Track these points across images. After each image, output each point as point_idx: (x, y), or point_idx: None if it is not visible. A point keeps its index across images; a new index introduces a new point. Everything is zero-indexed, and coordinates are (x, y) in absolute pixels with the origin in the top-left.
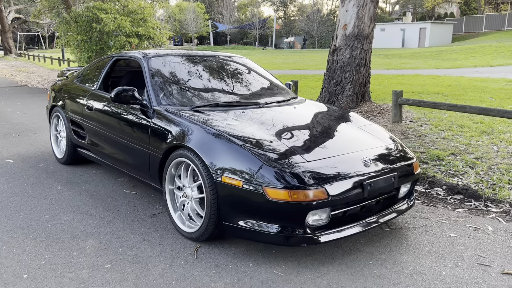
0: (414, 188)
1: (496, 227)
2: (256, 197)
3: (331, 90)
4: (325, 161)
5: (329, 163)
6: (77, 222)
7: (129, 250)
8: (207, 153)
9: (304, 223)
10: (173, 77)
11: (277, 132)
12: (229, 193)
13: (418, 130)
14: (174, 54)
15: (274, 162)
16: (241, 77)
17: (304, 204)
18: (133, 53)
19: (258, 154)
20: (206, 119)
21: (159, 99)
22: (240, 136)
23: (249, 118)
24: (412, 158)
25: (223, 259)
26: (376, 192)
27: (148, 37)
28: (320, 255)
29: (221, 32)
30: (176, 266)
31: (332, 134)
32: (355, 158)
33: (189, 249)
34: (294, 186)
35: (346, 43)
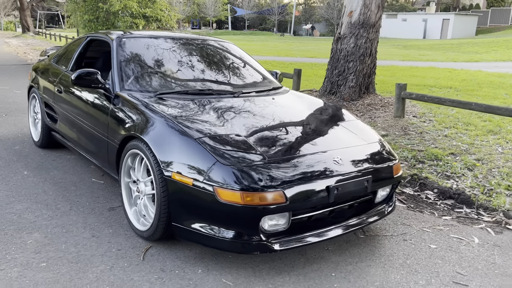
0: (394, 192)
1: (483, 239)
2: (207, 197)
3: (333, 81)
4: (289, 161)
5: (294, 163)
6: (29, 212)
7: (73, 247)
8: (159, 145)
9: (258, 228)
10: (143, 60)
11: (243, 126)
12: (179, 192)
13: (420, 126)
14: (150, 36)
15: (230, 159)
16: (221, 64)
17: (257, 208)
18: (104, 33)
19: (214, 149)
20: (166, 108)
21: (122, 83)
22: (198, 129)
23: (216, 108)
24: (393, 160)
25: (172, 262)
26: (345, 196)
27: (156, 19)
28: (279, 262)
29: (240, 17)
30: (117, 269)
31: (306, 131)
32: (325, 158)
33: (138, 249)
34: (247, 187)
35: (351, 31)
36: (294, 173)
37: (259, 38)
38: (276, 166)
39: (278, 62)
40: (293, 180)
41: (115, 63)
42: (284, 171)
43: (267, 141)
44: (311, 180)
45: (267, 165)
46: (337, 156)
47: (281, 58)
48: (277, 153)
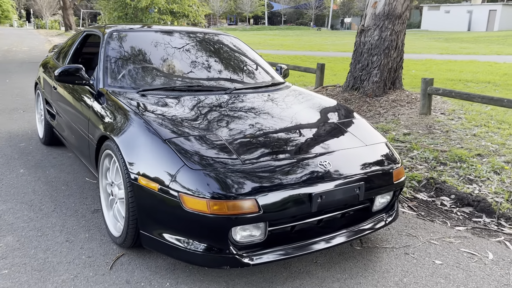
0: (397, 199)
1: (499, 255)
2: (172, 205)
3: (356, 75)
4: (267, 165)
5: (273, 167)
6: (10, 213)
7: (42, 252)
8: (128, 146)
9: (228, 240)
10: (132, 56)
11: (226, 125)
12: (145, 197)
13: (447, 124)
14: (144, 30)
15: (200, 163)
16: (218, 59)
17: (225, 218)
18: (98, 27)
19: (183, 152)
20: (143, 106)
21: (106, 80)
22: (171, 129)
23: (200, 106)
24: (394, 164)
25: (140, 273)
26: (332, 205)
27: (183, 15)
28: (258, 277)
29: (277, 12)
30: (81, 279)
31: (296, 131)
32: (311, 162)
33: (109, 257)
34: (215, 195)
35: (375, 23)
36: (271, 180)
37: (294, 33)
38: (252, 171)
39: (308, 57)
40: (269, 187)
41: (102, 59)
42: (260, 177)
43: (248, 143)
44: (290, 187)
45: (241, 170)
46: (325, 160)
47: (313, 52)
48: (257, 156)
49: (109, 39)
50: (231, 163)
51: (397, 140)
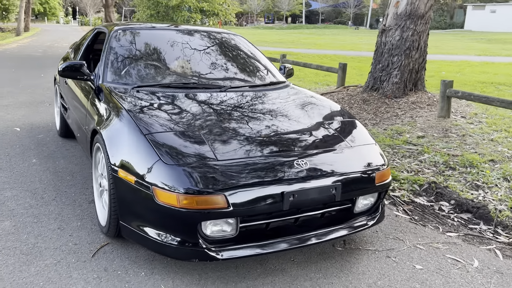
0: (382, 202)
1: (485, 263)
2: (146, 198)
3: (376, 76)
4: (242, 162)
5: (249, 164)
6: (14, 200)
7: (33, 238)
8: (112, 140)
9: (197, 234)
10: (132, 53)
11: (210, 122)
12: (124, 190)
13: (464, 128)
14: (148, 28)
15: (175, 158)
16: (219, 57)
17: (194, 213)
18: (107, 25)
19: (161, 146)
20: (133, 101)
21: (106, 75)
22: (154, 124)
23: (190, 103)
24: (378, 166)
25: (120, 262)
26: (306, 204)
27: (213, 13)
28: (232, 271)
29: (315, 11)
30: (63, 264)
31: (280, 130)
32: (287, 161)
33: (94, 245)
34: (184, 189)
35: (396, 22)
36: (243, 177)
37: (331, 32)
38: (225, 168)
39: (338, 56)
40: (240, 184)
41: (104, 55)
42: (232, 173)
43: (228, 140)
44: (262, 185)
45: (215, 166)
46: (303, 159)
47: (345, 52)
48: (234, 153)
49: (113, 37)
50: (206, 159)
51: (409, 143)
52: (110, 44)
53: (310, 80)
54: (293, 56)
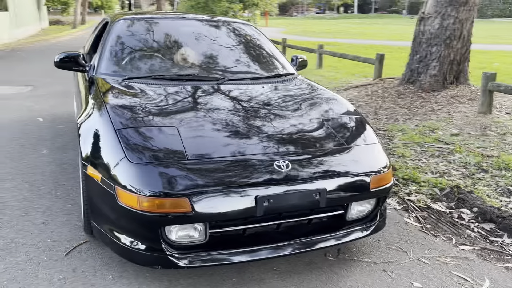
0: (381, 209)
1: (499, 283)
2: (110, 198)
3: (413, 68)
4: (214, 162)
5: (222, 165)
6: (11, 191)
7: (14, 232)
8: (85, 134)
9: (159, 239)
10: (130, 43)
11: (192, 117)
12: (92, 188)
13: (506, 126)
14: (150, 18)
15: (141, 156)
16: (223, 47)
17: (155, 216)
18: (114, 15)
19: (130, 144)
20: (117, 93)
21: (100, 66)
22: (128, 119)
23: (177, 96)
24: (376, 169)
25: (91, 263)
26: (284, 210)
27: (252, 4)
28: (205, 278)
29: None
30: (33, 262)
31: (266, 127)
32: (266, 162)
33: (72, 243)
34: (146, 191)
35: (436, 9)
36: (213, 179)
37: (383, 21)
38: (194, 168)
39: (384, 46)
40: (207, 187)
41: (101, 46)
42: (201, 174)
43: (206, 137)
44: (233, 188)
45: (184, 165)
46: (285, 161)
47: (392, 42)
48: (208, 153)
49: (112, 27)
50: (176, 158)
51: (440, 141)
52: (108, 35)
53: (347, 72)
54: (336, 46)
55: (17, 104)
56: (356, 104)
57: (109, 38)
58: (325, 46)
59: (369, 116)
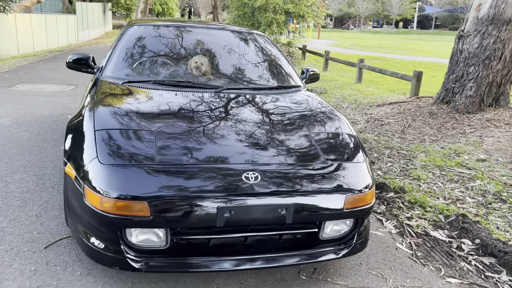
0: (358, 231)
1: None
2: (79, 196)
3: (448, 87)
4: (180, 169)
5: (185, 172)
6: (17, 182)
7: (6, 222)
8: (69, 133)
9: (119, 241)
10: (137, 49)
11: (174, 123)
12: (68, 185)
13: None
14: (161, 25)
15: (112, 157)
16: (228, 56)
17: (114, 218)
18: (132, 21)
19: (105, 144)
20: (111, 96)
21: (106, 69)
22: (112, 121)
23: (168, 102)
24: (354, 188)
25: (65, 258)
26: (246, 223)
27: (298, 15)
28: (169, 284)
29: (429, 15)
30: (12, 252)
31: (243, 139)
32: (235, 173)
33: (55, 236)
34: (107, 192)
35: (476, 28)
36: (174, 185)
37: (443, 38)
38: (159, 173)
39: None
40: (167, 193)
41: (111, 49)
42: (164, 180)
43: (180, 144)
44: (194, 197)
45: (150, 170)
46: (254, 173)
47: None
48: (177, 158)
49: (124, 32)
50: (144, 162)
51: (463, 166)
52: (118, 39)
53: (387, 88)
54: (383, 61)
55: (55, 101)
56: (384, 121)
57: (119, 42)
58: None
59: (395, 135)
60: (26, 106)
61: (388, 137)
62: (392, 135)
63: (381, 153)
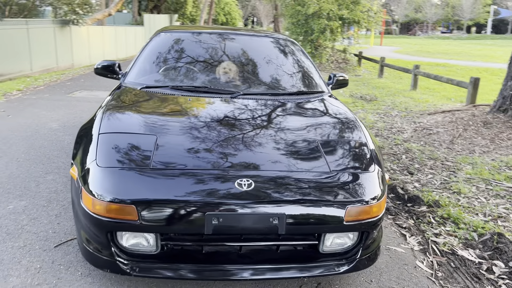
0: (363, 245)
1: None
2: (78, 198)
3: (506, 94)
4: (173, 174)
5: (177, 177)
6: (48, 183)
7: (27, 220)
8: (79, 137)
9: (109, 244)
10: (160, 55)
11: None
12: (72, 186)
13: None
14: (189, 31)
15: (109, 161)
16: (250, 61)
17: (104, 220)
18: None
19: (105, 147)
20: (124, 100)
21: (128, 75)
22: (118, 124)
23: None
24: (356, 199)
25: (71, 258)
26: (235, 231)
27: (353, 21)
28: None
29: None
30: (25, 249)
31: (244, 144)
32: (228, 179)
33: (68, 236)
34: (99, 195)
35: None
36: (164, 190)
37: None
38: (151, 177)
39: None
40: (156, 198)
41: (136, 56)
42: (154, 185)
43: (180, 149)
44: (182, 202)
45: (143, 174)
46: (248, 180)
47: None
48: (172, 163)
49: (152, 39)
50: (140, 166)
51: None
52: (144, 47)
53: (443, 96)
54: (446, 68)
55: None
56: (433, 130)
57: (144, 49)
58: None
59: (443, 145)
60: (77, 112)
61: (435, 147)
62: (439, 145)
63: (423, 164)
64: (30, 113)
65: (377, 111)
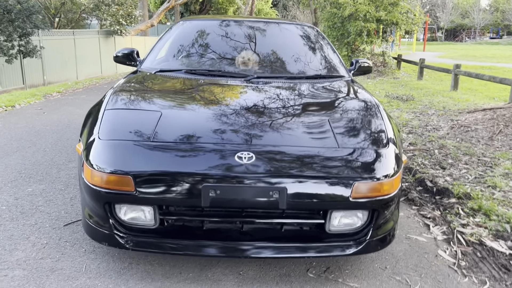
0: (373, 226)
1: None
2: (81, 171)
3: None
4: (172, 147)
5: (176, 150)
6: (69, 169)
7: (43, 202)
8: (87, 115)
9: (107, 216)
10: (177, 41)
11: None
12: (78, 162)
13: None
14: (209, 20)
15: (110, 134)
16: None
17: (102, 192)
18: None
19: (108, 122)
20: (136, 81)
21: (146, 61)
22: (124, 101)
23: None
24: (364, 175)
25: (78, 236)
26: (233, 204)
27: (391, 22)
28: (163, 268)
29: None
30: (36, 227)
31: (254, 122)
32: (228, 152)
33: (79, 217)
34: (97, 166)
35: None
36: (161, 161)
37: None
38: (150, 150)
39: None
40: (151, 169)
41: (156, 43)
42: (152, 156)
43: (183, 124)
44: (178, 174)
45: (142, 146)
46: (249, 153)
47: None
48: (173, 136)
49: (170, 28)
50: (140, 139)
51: None
52: (163, 34)
53: (487, 95)
54: (492, 70)
55: None
56: (471, 127)
57: (162, 37)
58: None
59: (481, 141)
60: None
61: (471, 144)
62: (476, 141)
63: (457, 159)
64: (64, 111)
65: (413, 110)
